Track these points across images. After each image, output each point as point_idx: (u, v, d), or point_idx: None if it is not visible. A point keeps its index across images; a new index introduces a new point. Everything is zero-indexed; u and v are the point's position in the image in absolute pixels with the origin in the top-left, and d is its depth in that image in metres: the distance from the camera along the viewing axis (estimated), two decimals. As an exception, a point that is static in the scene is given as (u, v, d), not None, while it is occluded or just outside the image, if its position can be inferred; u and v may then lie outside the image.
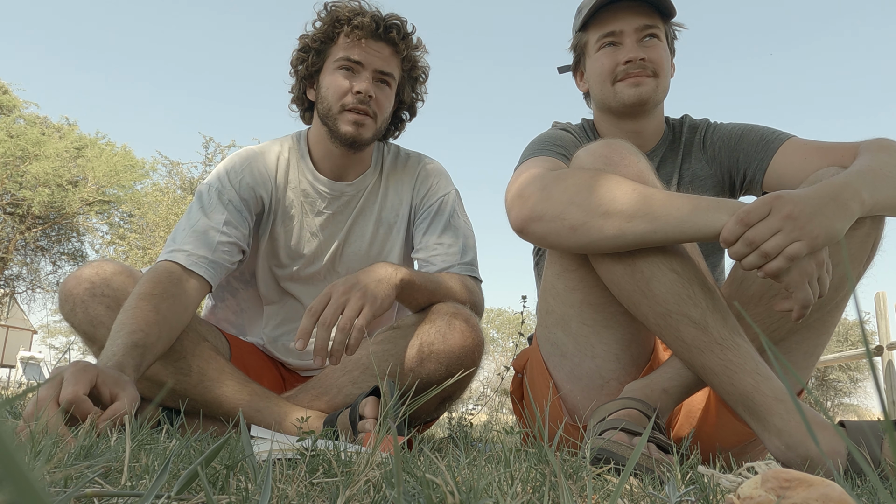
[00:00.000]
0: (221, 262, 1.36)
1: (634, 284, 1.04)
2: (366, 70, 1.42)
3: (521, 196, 1.10)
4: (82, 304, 1.27)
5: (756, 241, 0.91)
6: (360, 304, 1.15)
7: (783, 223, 0.91)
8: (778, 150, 1.29)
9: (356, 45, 1.42)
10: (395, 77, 1.47)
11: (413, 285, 1.28)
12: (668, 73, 1.39)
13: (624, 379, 1.16)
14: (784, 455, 0.96)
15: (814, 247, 0.92)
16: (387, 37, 1.43)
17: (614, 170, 1.06)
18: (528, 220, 1.08)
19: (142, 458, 0.68)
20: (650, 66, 1.35)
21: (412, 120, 1.61)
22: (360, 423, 1.14)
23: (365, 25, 1.40)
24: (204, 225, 1.37)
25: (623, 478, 0.39)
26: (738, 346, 1.00)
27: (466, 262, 1.48)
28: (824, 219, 0.92)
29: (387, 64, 1.44)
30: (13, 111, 15.52)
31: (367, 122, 1.42)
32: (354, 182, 1.54)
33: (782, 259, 0.91)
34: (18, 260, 15.72)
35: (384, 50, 1.44)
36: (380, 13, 1.44)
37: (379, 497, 0.54)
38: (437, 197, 1.55)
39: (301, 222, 1.53)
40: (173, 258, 1.32)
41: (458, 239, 1.51)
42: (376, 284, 1.20)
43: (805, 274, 0.93)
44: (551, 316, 1.21)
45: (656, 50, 1.35)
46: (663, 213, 0.98)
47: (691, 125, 1.47)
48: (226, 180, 1.45)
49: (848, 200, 0.96)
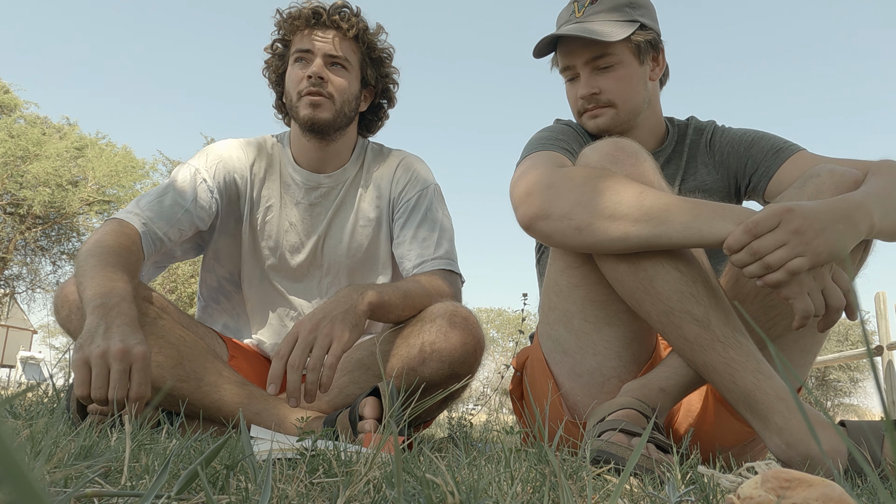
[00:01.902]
0: (166, 239, 1.40)
1: (638, 282, 1.04)
2: (315, 56, 1.47)
3: (529, 194, 1.11)
4: (78, 311, 1.26)
5: (760, 253, 0.91)
6: (327, 341, 1.14)
7: (790, 237, 0.91)
8: (787, 160, 1.29)
9: (304, 36, 1.48)
10: (349, 61, 1.50)
11: (383, 305, 1.27)
12: (634, 93, 1.37)
13: (625, 377, 1.16)
14: (785, 454, 0.97)
15: (816, 263, 0.92)
16: (330, 21, 1.48)
17: (621, 169, 1.07)
18: (534, 218, 1.09)
19: (142, 458, 0.68)
20: (604, 98, 1.36)
21: (392, 107, 1.65)
22: (359, 424, 1.14)
23: (304, 15, 1.47)
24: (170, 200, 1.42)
25: (623, 478, 0.39)
26: (740, 344, 1.00)
27: (440, 255, 1.48)
28: (831, 236, 0.92)
29: (336, 48, 1.48)
30: (14, 111, 15.53)
31: (323, 104, 1.46)
32: (333, 174, 1.56)
33: (783, 272, 0.91)
34: (18, 260, 15.71)
35: (329, 34, 1.48)
36: (322, 3, 1.50)
37: (379, 497, 0.54)
38: (416, 190, 1.56)
39: (280, 213, 1.55)
40: (130, 220, 1.36)
41: (434, 232, 1.51)
42: (343, 317, 1.19)
43: (803, 287, 0.93)
44: (554, 313, 1.21)
45: (610, 79, 1.35)
46: (668, 219, 0.99)
47: (697, 127, 1.47)
48: (203, 161, 1.51)
49: (859, 221, 0.96)
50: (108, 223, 1.36)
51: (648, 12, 1.39)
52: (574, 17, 1.37)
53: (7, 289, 16.13)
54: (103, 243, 1.27)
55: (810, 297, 0.93)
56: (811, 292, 0.93)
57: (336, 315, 1.19)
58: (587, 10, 1.36)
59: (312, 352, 1.14)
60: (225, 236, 1.57)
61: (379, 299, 1.26)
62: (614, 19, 1.34)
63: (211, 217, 1.50)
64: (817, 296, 0.94)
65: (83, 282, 1.19)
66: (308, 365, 1.13)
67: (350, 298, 1.23)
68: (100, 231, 1.33)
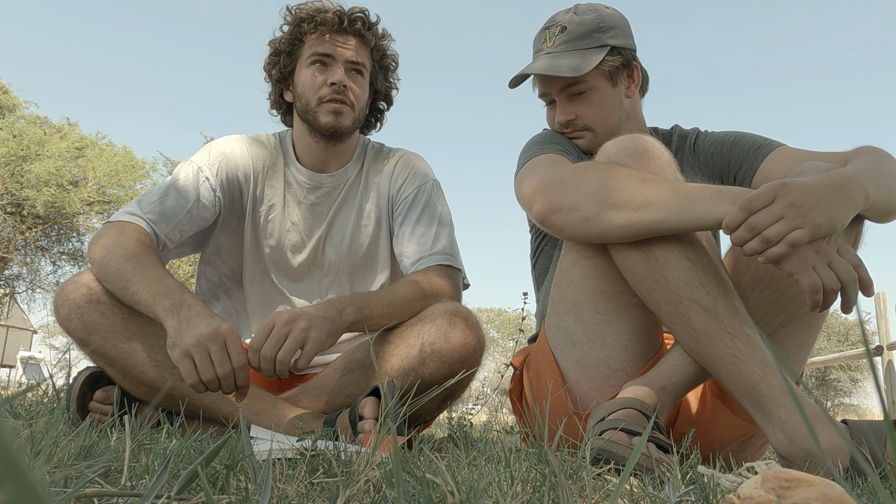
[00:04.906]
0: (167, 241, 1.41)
1: (649, 271, 1.06)
2: (337, 62, 1.47)
3: (543, 191, 1.16)
4: (77, 310, 1.26)
5: (758, 228, 0.93)
6: (301, 337, 1.15)
7: (786, 210, 0.92)
8: (769, 154, 1.32)
9: (324, 40, 1.47)
10: (366, 67, 1.52)
11: (363, 321, 1.28)
12: (610, 115, 1.41)
13: (631, 371, 1.17)
14: (786, 449, 0.97)
15: (815, 235, 0.92)
16: (352, 29, 1.48)
17: (638, 161, 1.09)
18: (548, 213, 1.14)
19: (142, 458, 0.68)
20: (580, 123, 1.41)
21: (389, 109, 1.67)
22: (359, 424, 1.14)
23: (328, 21, 1.46)
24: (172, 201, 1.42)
25: (623, 478, 0.39)
26: (747, 336, 1.01)
27: (438, 250, 1.47)
28: (828, 207, 0.94)
29: (356, 54, 1.49)
30: (14, 111, 15.52)
31: (345, 111, 1.47)
32: (335, 174, 1.56)
33: (783, 245, 0.92)
34: (19, 260, 15.71)
35: (351, 41, 1.49)
36: (342, 8, 1.49)
37: (379, 497, 0.54)
38: (415, 186, 1.56)
39: (283, 212, 1.55)
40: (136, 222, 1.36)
41: (433, 226, 1.51)
42: (321, 322, 1.19)
43: (807, 261, 0.93)
44: (564, 303, 1.22)
45: (584, 105, 1.40)
46: (668, 204, 1.01)
47: (681, 134, 1.50)
48: (206, 157, 1.51)
49: (854, 192, 0.97)
50: (116, 226, 1.34)
51: (620, 31, 1.41)
52: (546, 48, 1.41)
53: (7, 289, 16.13)
54: (127, 246, 1.27)
55: (817, 272, 0.93)
56: (817, 267, 0.94)
57: (315, 317, 1.19)
58: (557, 38, 1.39)
59: (284, 344, 1.15)
60: (227, 233, 1.56)
61: (358, 316, 1.27)
62: (584, 47, 1.37)
63: (214, 215, 1.50)
64: (826, 271, 0.94)
65: (128, 287, 1.21)
66: (278, 356, 1.14)
67: (331, 311, 1.23)
68: (112, 234, 1.32)
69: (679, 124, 1.54)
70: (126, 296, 1.23)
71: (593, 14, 1.39)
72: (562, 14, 1.42)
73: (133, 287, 1.21)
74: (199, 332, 1.11)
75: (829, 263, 0.94)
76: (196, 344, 1.10)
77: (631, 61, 1.42)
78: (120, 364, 1.26)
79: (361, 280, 1.59)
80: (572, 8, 1.43)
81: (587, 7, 1.41)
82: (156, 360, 1.26)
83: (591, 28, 1.38)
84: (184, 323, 1.13)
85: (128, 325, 1.26)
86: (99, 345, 1.25)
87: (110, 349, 1.25)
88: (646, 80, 1.48)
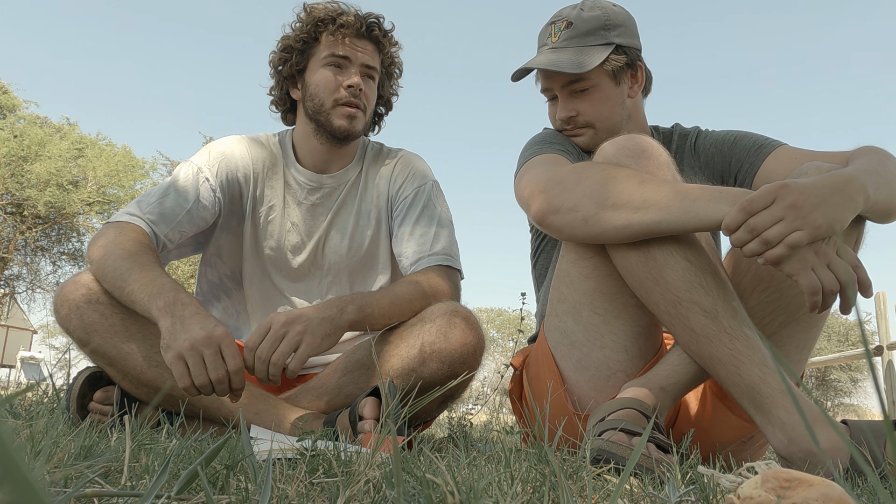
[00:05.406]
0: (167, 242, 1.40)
1: (648, 272, 1.06)
2: (353, 65, 1.48)
3: (541, 191, 1.15)
4: (77, 311, 1.26)
5: (758, 229, 0.92)
6: (297, 339, 1.15)
7: (786, 212, 0.92)
8: (770, 154, 1.32)
9: (342, 42, 1.48)
10: (378, 72, 1.54)
11: (366, 319, 1.27)
12: (612, 113, 1.41)
13: (631, 371, 1.17)
14: (786, 449, 0.96)
15: (815, 236, 0.92)
16: (370, 35, 1.50)
17: (637, 161, 1.09)
18: (546, 213, 1.13)
19: (142, 458, 0.68)
20: (581, 120, 1.41)
21: (388, 114, 1.68)
22: (359, 424, 1.14)
23: (350, 24, 1.47)
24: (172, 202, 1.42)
25: (623, 478, 0.39)
26: (746, 336, 1.01)
27: (437, 251, 1.47)
28: (828, 209, 0.93)
29: (372, 59, 1.51)
30: (14, 111, 15.53)
31: (358, 115, 1.48)
32: (336, 175, 1.56)
33: (783, 247, 0.92)
34: (19, 260, 15.71)
35: (368, 46, 1.50)
36: (360, 12, 1.50)
37: (379, 497, 0.54)
38: (414, 186, 1.56)
39: (283, 213, 1.55)
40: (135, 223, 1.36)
41: (432, 227, 1.51)
42: (319, 323, 1.19)
43: (806, 262, 0.93)
44: (563, 304, 1.22)
45: (586, 102, 1.40)
46: (667, 205, 1.00)
47: (682, 133, 1.49)
48: (206, 158, 1.50)
49: (854, 193, 0.97)
50: (115, 226, 1.34)
51: (626, 29, 1.40)
52: (550, 42, 1.41)
53: (7, 289, 16.13)
54: (125, 246, 1.27)
55: (816, 273, 0.93)
56: (816, 268, 0.94)
57: (312, 319, 1.19)
58: (562, 34, 1.39)
59: (279, 346, 1.14)
60: (227, 234, 1.56)
61: (360, 315, 1.26)
62: (589, 44, 1.37)
63: (213, 216, 1.50)
64: (825, 272, 0.94)
65: (124, 286, 1.21)
66: (272, 359, 1.14)
67: (330, 310, 1.23)
68: (110, 234, 1.31)
69: (680, 123, 1.53)
70: (122, 295, 1.22)
71: (600, 11, 1.39)
72: (568, 9, 1.42)
73: (129, 286, 1.20)
74: (194, 335, 1.10)
75: (829, 264, 0.94)
76: (190, 348, 1.09)
77: (635, 61, 1.41)
78: (119, 364, 1.26)
79: (361, 281, 1.59)
80: (579, 4, 1.42)
81: (594, 4, 1.41)
82: (155, 361, 1.26)
83: (596, 25, 1.37)
84: (178, 323, 1.12)
85: (127, 326, 1.26)
86: (98, 345, 1.25)
87: (110, 349, 1.25)
88: (649, 81, 1.48)
